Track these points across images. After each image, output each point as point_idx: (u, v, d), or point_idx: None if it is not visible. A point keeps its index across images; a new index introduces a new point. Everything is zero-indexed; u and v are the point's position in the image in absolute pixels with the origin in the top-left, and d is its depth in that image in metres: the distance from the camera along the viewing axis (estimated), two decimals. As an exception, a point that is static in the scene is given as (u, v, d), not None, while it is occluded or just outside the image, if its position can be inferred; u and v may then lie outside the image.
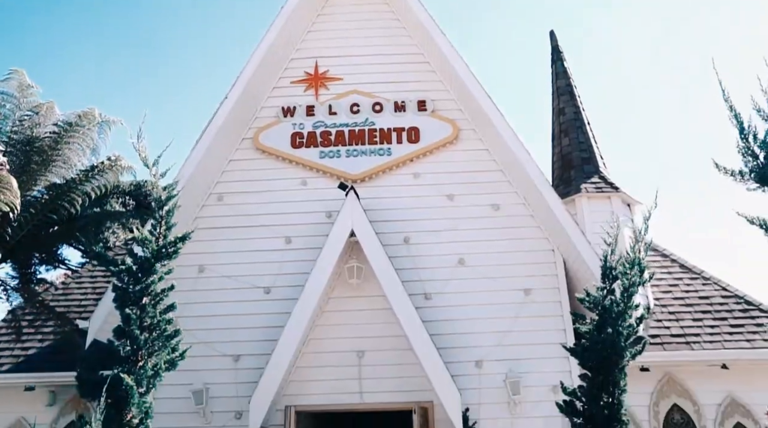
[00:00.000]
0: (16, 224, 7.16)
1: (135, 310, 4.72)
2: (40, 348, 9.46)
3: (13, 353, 9.44)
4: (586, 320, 5.22)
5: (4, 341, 9.69)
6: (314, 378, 8.40)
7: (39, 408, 9.08)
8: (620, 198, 10.29)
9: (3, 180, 6.27)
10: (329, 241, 8.62)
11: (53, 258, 10.13)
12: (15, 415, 9.12)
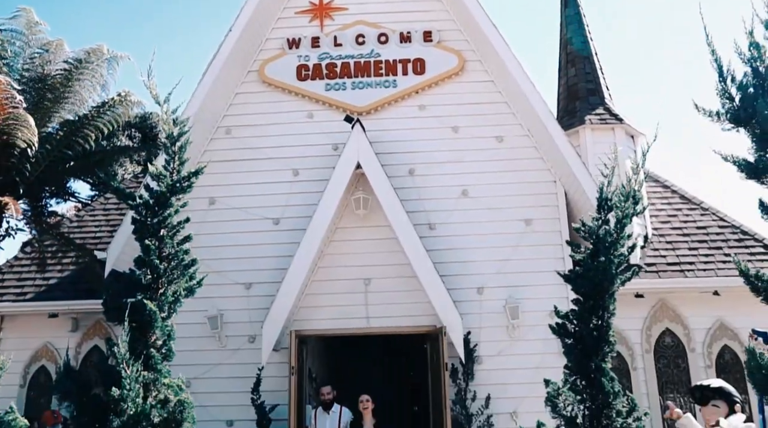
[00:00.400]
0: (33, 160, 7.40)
1: (153, 241, 5.05)
2: (60, 278, 9.93)
3: (35, 282, 9.92)
4: (581, 249, 5.51)
5: (25, 271, 10.15)
6: (323, 304, 8.84)
7: (63, 334, 9.64)
8: (624, 130, 10.43)
9: (20, 118, 6.45)
10: (336, 173, 8.88)
11: (63, 191, 10.44)
12: (42, 340, 9.70)
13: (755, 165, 3.19)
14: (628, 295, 9.15)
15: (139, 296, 4.88)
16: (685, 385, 9.21)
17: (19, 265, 10.26)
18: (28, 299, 9.73)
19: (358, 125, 9.02)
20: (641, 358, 9.38)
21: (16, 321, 9.86)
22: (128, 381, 4.51)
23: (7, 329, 9.93)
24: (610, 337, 5.10)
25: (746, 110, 3.07)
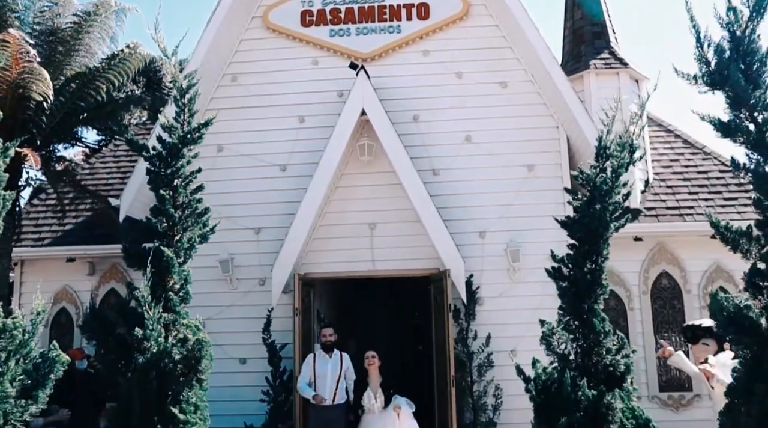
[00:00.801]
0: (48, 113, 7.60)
1: (168, 191, 5.32)
2: (75, 224, 10.29)
3: (51, 228, 10.29)
4: (578, 195, 5.74)
5: (41, 217, 10.50)
6: (330, 248, 9.18)
7: (81, 277, 10.07)
8: (628, 74, 10.48)
9: (35, 72, 6.62)
10: (341, 120, 9.06)
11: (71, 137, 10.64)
12: (61, 283, 10.13)
13: (728, 125, 3.37)
14: (627, 238, 9.44)
15: (156, 244, 5.19)
16: (679, 325, 9.57)
17: (35, 212, 10.61)
18: (46, 245, 10.12)
19: (362, 72, 9.14)
20: (638, 299, 9.75)
21: (36, 265, 10.27)
22: (150, 322, 4.87)
23: (28, 272, 10.36)
24: (603, 280, 5.40)
25: (721, 73, 3.24)
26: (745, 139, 3.24)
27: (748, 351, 3.06)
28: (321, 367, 7.73)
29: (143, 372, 4.91)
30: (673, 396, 9.51)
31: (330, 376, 7.68)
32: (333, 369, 7.73)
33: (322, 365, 7.75)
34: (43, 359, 3.08)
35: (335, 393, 7.63)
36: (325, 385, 7.62)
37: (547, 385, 5.25)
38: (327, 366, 7.74)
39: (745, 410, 2.87)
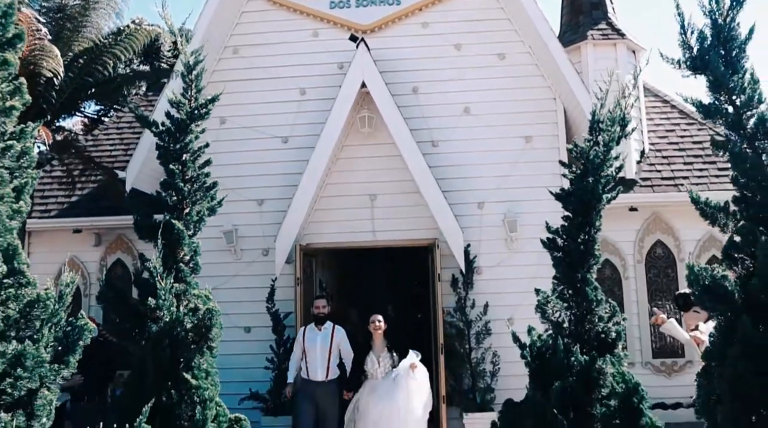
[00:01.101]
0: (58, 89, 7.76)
1: (177, 166, 5.52)
2: (81, 196, 10.49)
3: (57, 200, 10.50)
4: (573, 168, 5.95)
5: (47, 189, 10.70)
6: (332, 219, 9.41)
7: (87, 248, 10.32)
8: (626, 45, 10.59)
9: (45, 49, 6.75)
10: (341, 92, 9.21)
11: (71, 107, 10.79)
12: (68, 253, 10.34)
13: (709, 107, 3.56)
14: (623, 209, 9.68)
15: (167, 217, 5.42)
16: (673, 294, 9.86)
17: (41, 183, 10.80)
18: (52, 216, 10.34)
19: (362, 45, 9.26)
20: (633, 268, 10.03)
21: (43, 236, 10.51)
22: (163, 292, 5.12)
23: (35, 243, 10.60)
24: (596, 251, 5.64)
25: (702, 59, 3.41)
26: (724, 120, 3.45)
27: (722, 318, 3.30)
28: (310, 341, 7.37)
29: (157, 339, 5.18)
30: (666, 362, 9.85)
31: (320, 351, 7.29)
32: (323, 342, 7.34)
33: (311, 339, 7.39)
34: (71, 327, 3.33)
35: (328, 369, 7.28)
36: (315, 360, 7.26)
37: (541, 351, 5.52)
38: (316, 340, 7.36)
39: (718, 372, 3.12)
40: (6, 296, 2.92)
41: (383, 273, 12.49)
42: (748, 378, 2.80)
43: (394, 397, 6.92)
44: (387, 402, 6.93)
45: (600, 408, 5.13)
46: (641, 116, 10.68)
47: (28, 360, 2.95)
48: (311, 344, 7.36)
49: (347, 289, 11.95)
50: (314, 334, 7.44)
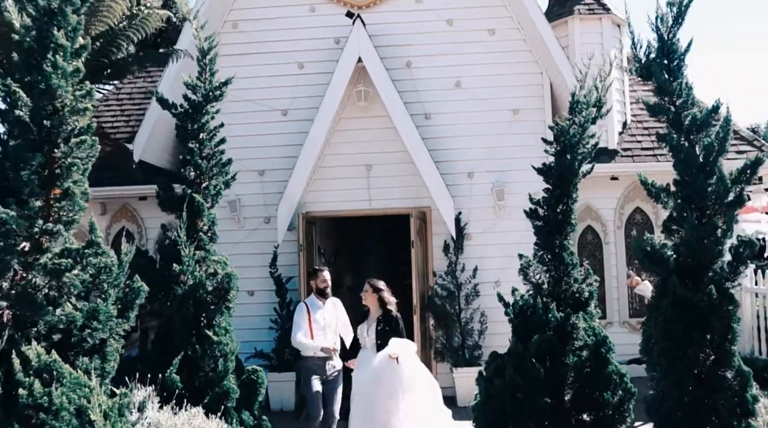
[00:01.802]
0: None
1: (195, 144, 6.20)
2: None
3: (65, 169, 11.13)
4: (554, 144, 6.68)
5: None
6: (330, 188, 10.14)
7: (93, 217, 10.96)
8: (611, 19, 11.23)
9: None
10: (338, 67, 9.85)
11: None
12: (77, 221, 11.04)
13: (654, 107, 4.27)
14: (605, 178, 10.48)
15: (187, 190, 6.13)
16: (650, 256, 10.76)
17: None
18: (59, 185, 10.99)
19: (358, 21, 9.86)
20: (613, 234, 10.88)
21: (49, 204, 11.17)
22: (187, 259, 5.86)
23: (42, 211, 11.26)
24: (572, 220, 6.39)
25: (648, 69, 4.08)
26: (666, 118, 4.14)
27: (659, 278, 4.06)
28: (315, 315, 7.13)
29: (182, 301, 5.93)
30: (642, 321, 10.74)
31: (327, 324, 7.14)
32: (328, 315, 7.18)
33: (316, 313, 7.15)
34: (129, 288, 4.07)
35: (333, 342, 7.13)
36: (325, 335, 7.06)
37: (523, 309, 6.32)
38: (323, 314, 7.16)
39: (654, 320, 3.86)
40: (86, 264, 3.65)
41: (378, 239, 13.27)
42: (675, 323, 3.56)
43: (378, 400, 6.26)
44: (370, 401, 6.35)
45: (573, 357, 5.96)
46: (624, 89, 11.40)
47: (101, 315, 3.69)
48: (319, 318, 7.10)
49: (343, 254, 12.75)
50: (318, 308, 7.17)
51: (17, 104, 3.48)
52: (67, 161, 3.69)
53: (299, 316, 7.17)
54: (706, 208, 3.98)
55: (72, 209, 3.75)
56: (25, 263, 3.55)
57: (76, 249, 3.67)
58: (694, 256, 3.74)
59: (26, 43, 3.57)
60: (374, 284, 6.89)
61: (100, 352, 3.73)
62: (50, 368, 3.33)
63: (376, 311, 6.84)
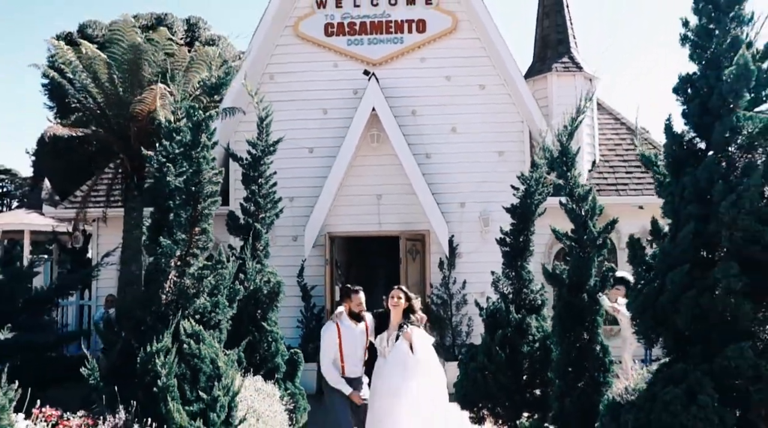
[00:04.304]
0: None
1: (255, 187, 8.78)
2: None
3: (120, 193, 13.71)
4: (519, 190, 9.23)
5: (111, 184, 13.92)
6: (348, 213, 12.75)
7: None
8: (583, 75, 13.83)
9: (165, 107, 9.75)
10: (356, 115, 12.48)
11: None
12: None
13: (557, 187, 6.78)
14: (574, 208, 13.03)
15: (249, 220, 8.73)
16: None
17: (108, 179, 14.04)
18: (115, 206, 13.58)
19: (373, 79, 12.51)
20: (582, 254, 13.42)
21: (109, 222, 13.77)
22: (250, 270, 8.44)
23: (102, 227, 13.88)
24: (531, 247, 8.96)
25: (551, 165, 6.68)
26: (565, 192, 6.67)
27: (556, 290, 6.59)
28: (348, 339, 6.82)
29: (246, 300, 8.49)
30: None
31: (359, 347, 6.86)
32: (361, 338, 6.87)
33: (349, 336, 6.83)
34: (232, 289, 6.60)
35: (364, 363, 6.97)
36: (354, 357, 6.82)
37: (492, 312, 8.87)
38: (355, 338, 6.84)
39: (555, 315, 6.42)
40: (211, 272, 6.17)
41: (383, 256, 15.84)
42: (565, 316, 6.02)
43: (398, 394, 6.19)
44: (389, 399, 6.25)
45: (526, 347, 8.50)
46: (594, 133, 14.00)
47: (220, 305, 6.21)
48: (350, 342, 6.82)
49: (354, 268, 15.34)
50: (351, 331, 6.84)
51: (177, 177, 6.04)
52: (204, 212, 6.24)
53: (329, 340, 6.85)
54: (586, 247, 6.50)
55: (206, 240, 6.30)
56: (180, 272, 6.08)
57: (210, 264, 6.23)
58: (577, 276, 6.23)
59: (185, 142, 6.14)
60: (406, 293, 6.66)
61: (218, 327, 6.29)
62: (197, 334, 5.88)
63: (398, 321, 6.53)
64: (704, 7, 3.80)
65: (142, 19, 24.41)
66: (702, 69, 3.90)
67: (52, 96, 26.10)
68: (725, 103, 3.68)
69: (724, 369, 3.33)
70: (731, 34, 3.70)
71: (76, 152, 21.23)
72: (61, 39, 24.96)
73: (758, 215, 3.39)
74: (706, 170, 3.74)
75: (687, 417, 3.21)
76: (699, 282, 3.58)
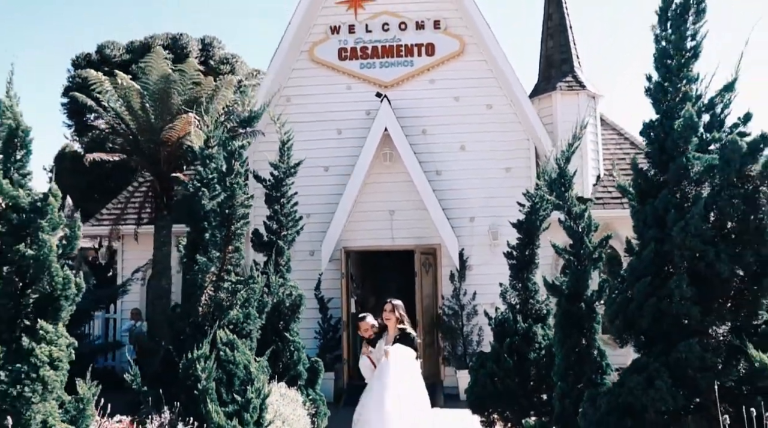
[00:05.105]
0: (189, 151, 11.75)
1: (278, 206, 9.48)
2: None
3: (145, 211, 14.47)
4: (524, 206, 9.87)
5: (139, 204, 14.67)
6: (362, 228, 13.43)
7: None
8: (586, 94, 14.49)
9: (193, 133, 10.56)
10: (369, 135, 13.18)
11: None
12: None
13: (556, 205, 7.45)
14: (579, 221, 13.66)
15: (272, 238, 9.42)
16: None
17: (134, 199, 14.81)
18: (144, 224, 14.34)
19: (385, 100, 13.22)
20: (587, 265, 14.03)
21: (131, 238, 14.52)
22: (273, 284, 9.13)
23: (129, 242, 14.64)
24: (536, 260, 9.59)
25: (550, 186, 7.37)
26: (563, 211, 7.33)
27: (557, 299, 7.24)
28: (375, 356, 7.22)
29: (271, 312, 9.17)
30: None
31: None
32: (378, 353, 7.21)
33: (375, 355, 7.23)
34: (261, 302, 7.27)
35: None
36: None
37: (500, 321, 9.50)
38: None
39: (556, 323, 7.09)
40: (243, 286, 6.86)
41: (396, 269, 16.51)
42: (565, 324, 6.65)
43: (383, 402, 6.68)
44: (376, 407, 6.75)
45: (533, 354, 9.12)
46: (598, 149, 14.64)
47: (251, 316, 6.89)
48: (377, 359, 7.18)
49: (369, 281, 16.02)
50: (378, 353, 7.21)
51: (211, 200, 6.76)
52: (237, 232, 6.94)
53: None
54: (583, 260, 7.13)
55: (239, 257, 7.00)
56: (215, 286, 6.77)
57: (243, 279, 6.92)
58: (575, 287, 6.86)
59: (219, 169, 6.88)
60: (393, 303, 7.37)
61: (249, 336, 6.98)
62: (231, 342, 6.56)
63: (394, 330, 7.17)
64: (660, 68, 4.54)
65: (158, 40, 25.33)
66: (660, 118, 4.65)
67: (71, 115, 27.01)
68: (677, 146, 4.42)
69: (677, 361, 4.02)
70: (681, 91, 4.42)
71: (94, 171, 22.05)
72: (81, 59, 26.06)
73: (702, 237, 4.09)
74: (663, 201, 4.46)
75: (646, 399, 3.91)
76: (659, 292, 4.28)
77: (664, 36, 4.42)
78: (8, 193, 3.85)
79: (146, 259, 14.37)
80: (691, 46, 4.36)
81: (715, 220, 4.23)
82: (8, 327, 3.80)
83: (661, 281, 4.31)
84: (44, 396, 3.73)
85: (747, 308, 4.12)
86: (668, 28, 4.38)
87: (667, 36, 4.38)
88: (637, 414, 4.01)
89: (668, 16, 4.35)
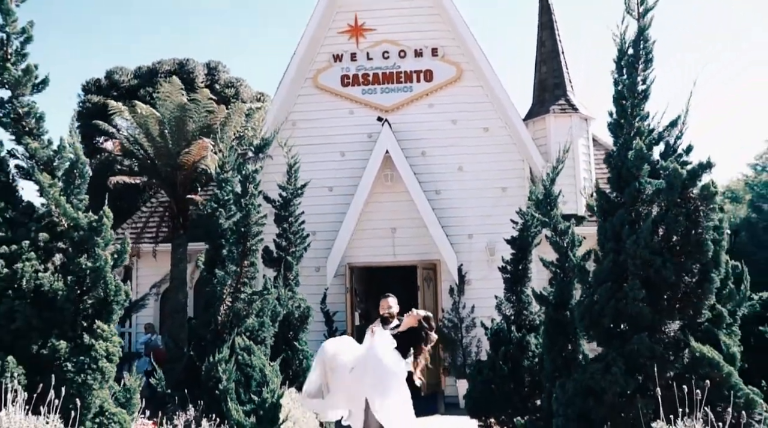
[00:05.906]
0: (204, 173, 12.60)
1: (286, 225, 10.31)
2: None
3: (161, 229, 15.29)
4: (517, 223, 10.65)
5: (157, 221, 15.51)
6: (365, 245, 14.24)
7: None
8: (578, 116, 15.34)
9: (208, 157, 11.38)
10: (372, 157, 14.03)
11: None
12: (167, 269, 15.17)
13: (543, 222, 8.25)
14: (572, 238, 14.45)
15: (281, 254, 10.24)
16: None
17: (152, 219, 15.65)
18: (160, 241, 15.17)
19: (386, 124, 14.09)
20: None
21: (148, 256, 15.33)
22: (283, 297, 9.92)
23: (143, 259, 15.45)
24: (529, 274, 10.38)
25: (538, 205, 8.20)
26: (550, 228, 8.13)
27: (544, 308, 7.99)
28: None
29: (281, 323, 9.96)
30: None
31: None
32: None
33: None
34: (274, 312, 8.06)
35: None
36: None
37: (496, 332, 10.27)
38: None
39: (543, 330, 7.80)
40: (259, 297, 7.66)
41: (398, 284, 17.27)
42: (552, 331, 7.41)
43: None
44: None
45: (527, 361, 9.87)
46: (591, 168, 15.46)
47: (265, 325, 7.67)
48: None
49: (372, 295, 16.78)
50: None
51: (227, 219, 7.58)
52: (252, 248, 7.75)
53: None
54: (569, 273, 7.92)
55: (254, 272, 7.82)
56: (233, 297, 7.56)
57: (258, 291, 7.73)
58: (561, 297, 7.63)
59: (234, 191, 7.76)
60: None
61: (264, 343, 7.77)
62: (248, 348, 7.34)
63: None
64: (618, 107, 5.41)
65: (166, 65, 26.30)
66: (618, 149, 5.49)
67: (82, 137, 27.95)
68: (632, 173, 5.25)
69: (630, 352, 4.82)
70: (635, 126, 5.27)
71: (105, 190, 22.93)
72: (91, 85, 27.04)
73: (651, 249, 4.90)
74: (619, 219, 5.29)
75: (604, 382, 4.68)
76: (617, 295, 5.09)
77: (620, 80, 5.28)
78: (70, 215, 4.67)
79: (160, 275, 15.20)
80: (641, 90, 5.21)
81: (663, 234, 5.04)
82: (71, 326, 4.60)
83: (618, 286, 5.12)
84: (102, 384, 4.52)
85: (692, 309, 4.91)
86: (623, 73, 5.23)
87: (623, 80, 5.23)
88: (598, 395, 4.79)
89: (622, 64, 5.21)
